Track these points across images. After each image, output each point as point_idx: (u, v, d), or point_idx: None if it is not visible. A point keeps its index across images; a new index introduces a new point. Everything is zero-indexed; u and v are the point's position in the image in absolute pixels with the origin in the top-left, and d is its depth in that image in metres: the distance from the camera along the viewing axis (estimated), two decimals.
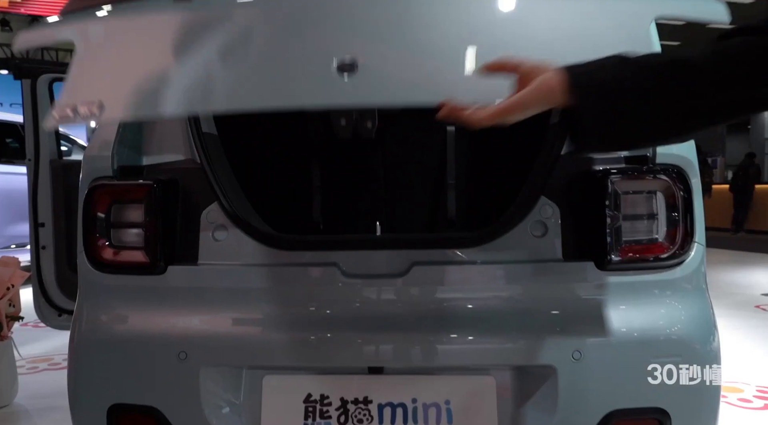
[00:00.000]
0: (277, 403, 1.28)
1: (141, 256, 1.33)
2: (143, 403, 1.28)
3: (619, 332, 1.23)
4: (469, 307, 1.27)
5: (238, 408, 1.28)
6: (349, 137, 1.57)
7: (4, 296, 2.47)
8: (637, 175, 1.27)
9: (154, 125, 1.43)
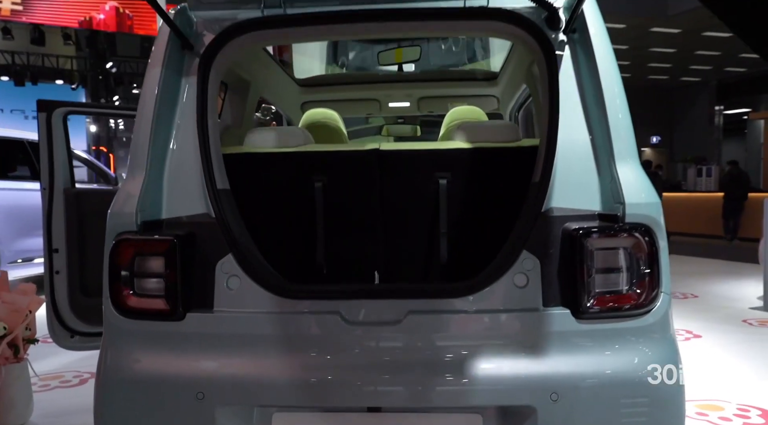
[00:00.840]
0: None
1: (162, 304, 1.47)
2: None
3: (593, 375, 1.37)
4: (459, 352, 1.40)
5: None
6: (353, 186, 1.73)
7: (23, 321, 2.60)
8: (609, 233, 1.41)
9: (174, 181, 1.57)
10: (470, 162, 1.72)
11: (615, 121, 1.48)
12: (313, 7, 1.61)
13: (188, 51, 1.63)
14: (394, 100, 3.02)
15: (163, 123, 1.59)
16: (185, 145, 1.58)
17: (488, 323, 1.42)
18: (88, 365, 3.73)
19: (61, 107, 2.97)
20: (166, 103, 1.59)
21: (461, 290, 1.43)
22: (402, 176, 1.76)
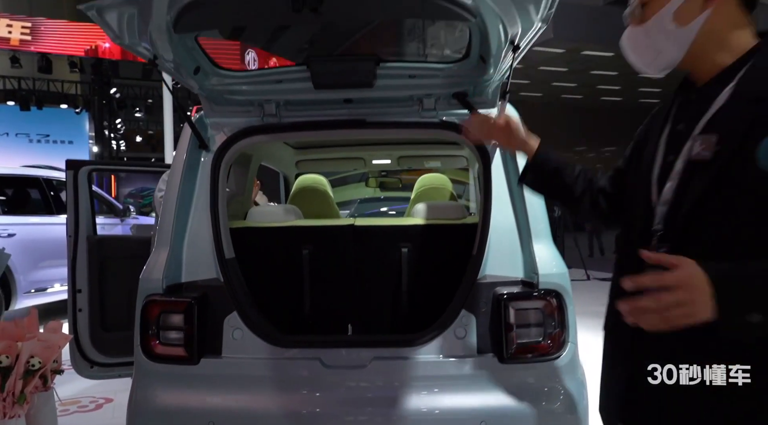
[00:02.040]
0: None
1: (181, 351, 1.88)
2: None
3: (514, 406, 1.78)
4: (412, 390, 1.81)
5: None
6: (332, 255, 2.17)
7: (54, 356, 3.00)
8: (527, 297, 1.84)
9: (191, 252, 1.99)
10: (425, 235, 2.16)
11: (532, 208, 1.92)
12: (303, 117, 2.06)
13: (204, 149, 2.07)
14: (377, 158, 3.46)
15: (183, 206, 2.02)
16: (200, 223, 2.01)
17: (435, 366, 1.83)
18: (102, 391, 4.12)
19: (86, 166, 3.41)
20: (187, 191, 2.03)
21: (415, 340, 1.84)
22: (372, 245, 2.19)
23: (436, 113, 2.07)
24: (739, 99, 1.03)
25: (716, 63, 1.09)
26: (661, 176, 1.12)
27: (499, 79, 1.96)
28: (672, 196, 1.08)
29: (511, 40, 1.69)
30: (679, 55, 1.11)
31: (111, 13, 1.59)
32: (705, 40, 1.09)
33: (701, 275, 0.90)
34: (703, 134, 1.05)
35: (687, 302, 0.90)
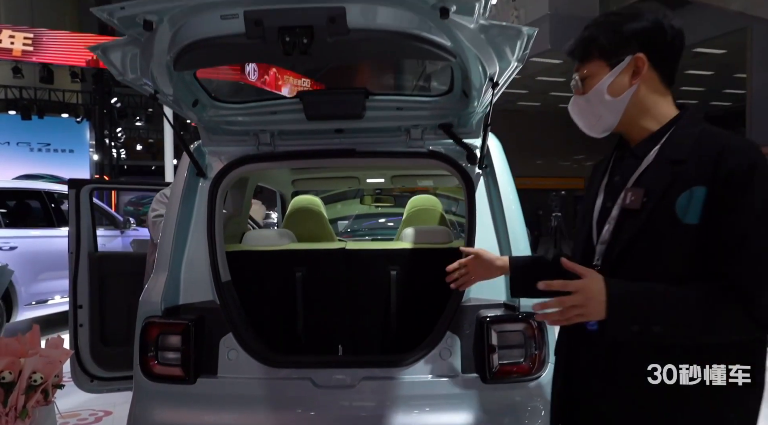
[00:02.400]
0: None
1: (179, 371, 1.97)
2: None
3: (495, 422, 1.87)
4: (399, 408, 1.90)
5: None
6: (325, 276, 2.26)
7: (56, 371, 3.08)
8: (509, 319, 1.92)
9: (188, 275, 2.08)
10: (413, 259, 2.25)
11: (513, 232, 2.02)
12: (297, 146, 2.16)
13: (201, 177, 2.16)
14: (371, 177, 3.56)
15: (182, 231, 2.11)
16: (198, 247, 2.10)
17: (421, 386, 1.92)
18: (101, 404, 4.20)
19: (88, 185, 3.51)
20: (185, 216, 2.12)
21: (402, 361, 1.93)
22: (362, 268, 2.29)
23: (423, 142, 2.17)
24: (662, 160, 1.24)
25: (644, 128, 1.30)
26: (600, 220, 1.33)
27: (482, 111, 2.06)
28: (609, 237, 1.29)
29: (490, 77, 1.80)
30: (615, 120, 1.32)
31: (115, 53, 1.69)
32: (634, 109, 1.29)
33: (601, 286, 1.15)
34: (634, 187, 1.26)
35: (582, 305, 1.15)
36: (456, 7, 1.49)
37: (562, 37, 13.52)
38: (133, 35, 1.61)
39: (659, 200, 1.20)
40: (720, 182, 1.14)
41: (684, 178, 1.18)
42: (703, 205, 1.16)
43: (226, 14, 1.51)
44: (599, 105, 1.30)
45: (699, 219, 1.16)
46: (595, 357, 1.27)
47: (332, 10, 1.48)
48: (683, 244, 1.17)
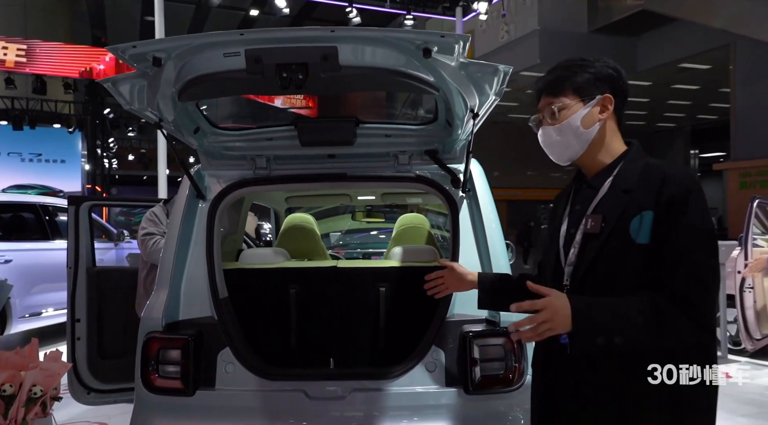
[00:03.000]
0: None
1: (179, 384, 2.07)
2: None
3: None
4: (387, 419, 2.01)
5: None
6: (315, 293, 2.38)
7: (54, 384, 3.16)
8: (490, 334, 2.05)
9: (188, 292, 2.19)
10: (401, 276, 2.38)
11: (494, 250, 2.15)
12: (291, 170, 2.29)
13: (201, 199, 2.28)
14: (362, 194, 3.69)
15: (182, 250, 2.23)
16: (197, 266, 2.21)
17: (407, 397, 2.03)
18: (97, 416, 4.26)
19: (87, 201, 3.61)
20: (185, 236, 2.24)
21: (390, 373, 2.05)
22: (353, 285, 2.41)
23: (411, 167, 2.30)
24: (615, 190, 1.43)
25: (600, 161, 1.49)
26: (565, 244, 1.50)
27: (464, 138, 2.20)
28: (575, 259, 1.45)
29: (471, 108, 1.94)
30: (581, 150, 1.49)
31: (124, 85, 1.82)
32: (595, 143, 1.48)
33: (565, 302, 1.31)
34: (593, 214, 1.44)
35: (550, 320, 1.30)
36: (437, 47, 1.63)
37: (551, 52, 13.79)
38: (141, 69, 1.73)
39: (615, 224, 1.38)
40: (663, 206, 1.33)
41: (635, 204, 1.37)
42: (651, 226, 1.34)
43: (229, 52, 1.65)
44: (570, 134, 1.46)
45: (649, 239, 1.34)
46: (570, 368, 1.41)
47: (325, 49, 1.62)
48: (638, 261, 1.34)
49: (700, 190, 1.35)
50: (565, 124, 1.47)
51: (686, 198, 1.33)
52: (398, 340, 2.34)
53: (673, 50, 13.95)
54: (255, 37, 1.59)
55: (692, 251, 1.31)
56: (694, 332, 1.29)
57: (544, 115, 1.51)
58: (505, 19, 14.15)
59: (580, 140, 1.47)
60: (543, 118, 1.52)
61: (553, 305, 1.30)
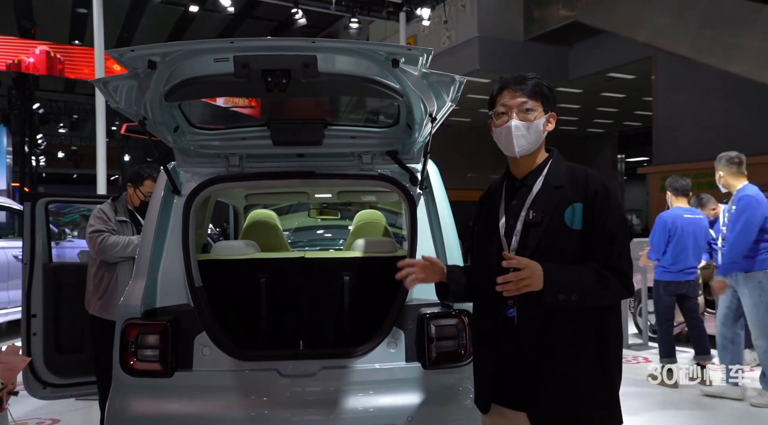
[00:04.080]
0: None
1: (158, 366, 2.21)
2: None
3: (434, 403, 2.23)
4: (353, 393, 2.22)
5: None
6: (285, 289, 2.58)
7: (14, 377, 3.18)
8: (445, 315, 2.30)
9: (165, 281, 2.33)
10: (364, 266, 2.60)
11: (448, 242, 2.41)
12: (262, 168, 2.47)
13: (177, 194, 2.43)
14: (319, 192, 3.89)
15: (158, 242, 2.36)
16: (173, 256, 2.35)
17: (371, 373, 2.26)
18: (49, 412, 4.26)
19: (43, 198, 3.63)
20: (162, 229, 2.37)
21: (355, 352, 2.27)
22: (319, 274, 2.62)
23: (373, 166, 2.53)
24: (548, 186, 1.75)
25: (533, 161, 1.81)
26: (506, 234, 1.78)
27: (422, 140, 2.45)
28: (517, 245, 1.74)
29: (429, 113, 2.19)
30: (533, 148, 1.78)
31: (115, 85, 1.97)
32: (539, 145, 1.80)
33: (539, 266, 1.60)
34: (532, 207, 1.73)
35: (529, 277, 1.58)
36: (404, 59, 1.88)
37: (490, 58, 14.37)
38: (134, 71, 1.88)
39: (552, 214, 1.69)
40: (590, 199, 1.68)
41: (566, 198, 1.70)
42: (582, 215, 1.68)
43: (219, 58, 1.83)
44: (534, 133, 1.75)
45: (581, 226, 1.68)
46: (518, 335, 1.71)
47: (306, 58, 1.83)
48: (573, 243, 1.68)
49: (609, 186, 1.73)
50: (535, 123, 1.75)
51: (607, 193, 1.69)
52: (361, 323, 2.57)
53: (603, 60, 14.79)
54: (243, 45, 1.78)
55: (619, 234, 1.68)
56: (623, 292, 1.68)
57: (514, 110, 1.75)
58: (447, 26, 14.59)
59: (537, 139, 1.77)
60: (512, 113, 1.76)
61: (532, 266, 1.60)
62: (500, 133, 1.79)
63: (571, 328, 1.68)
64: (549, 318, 1.67)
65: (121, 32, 20.63)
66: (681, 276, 4.89)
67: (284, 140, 2.40)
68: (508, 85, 1.79)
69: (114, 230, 3.30)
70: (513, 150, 1.77)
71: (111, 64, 16.67)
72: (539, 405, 1.69)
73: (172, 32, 21.64)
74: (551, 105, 1.79)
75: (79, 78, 18.19)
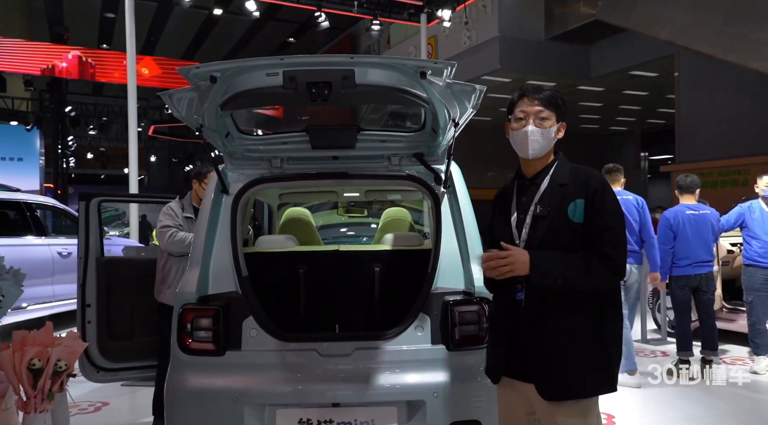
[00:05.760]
0: (284, 424, 2.45)
1: (211, 346, 2.49)
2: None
3: (457, 381, 2.47)
4: (384, 371, 2.47)
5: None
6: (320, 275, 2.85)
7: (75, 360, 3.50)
8: (467, 302, 2.54)
9: (216, 271, 2.61)
10: (393, 258, 2.86)
11: (470, 238, 2.64)
12: (301, 169, 2.74)
13: (225, 194, 2.71)
14: (348, 191, 4.15)
15: (210, 236, 2.64)
16: (223, 249, 2.63)
17: (400, 354, 2.50)
18: (99, 396, 4.59)
19: (96, 197, 3.95)
20: (212, 224, 2.65)
21: (386, 335, 2.51)
22: (352, 265, 2.88)
23: (401, 167, 2.79)
24: (553, 184, 1.99)
25: (542, 163, 2.04)
26: (517, 226, 2.02)
27: (446, 144, 2.69)
28: (527, 236, 1.98)
29: (452, 118, 2.44)
30: (545, 152, 2.02)
31: (179, 97, 2.25)
32: (550, 149, 2.03)
33: (525, 253, 1.87)
34: (540, 203, 1.97)
35: (511, 264, 1.86)
36: (431, 71, 2.12)
37: (510, 58, 14.49)
38: (196, 84, 2.16)
39: (557, 209, 1.93)
40: (590, 196, 1.91)
41: (569, 194, 1.94)
42: (584, 210, 1.91)
43: (270, 72, 2.10)
44: (547, 139, 1.99)
45: (582, 219, 1.91)
46: (525, 315, 1.94)
47: (345, 71, 2.10)
48: (573, 235, 1.91)
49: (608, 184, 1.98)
50: (548, 130, 1.98)
51: (604, 189, 1.93)
52: (390, 309, 2.82)
53: (624, 58, 14.78)
54: (291, 61, 2.06)
55: (612, 225, 1.92)
56: (611, 277, 1.91)
57: (531, 117, 1.98)
58: (467, 26, 14.75)
59: (548, 144, 2.00)
60: (529, 119, 1.99)
61: (514, 255, 1.87)
62: (517, 136, 2.02)
63: (572, 309, 1.90)
64: (552, 300, 1.90)
65: (147, 36, 21.21)
66: (690, 270, 5.02)
67: (321, 144, 2.67)
68: (527, 93, 2.01)
69: (180, 226, 3.63)
70: (527, 153, 2.00)
71: (140, 67, 17.17)
72: (544, 377, 1.91)
73: (196, 35, 22.17)
74: (563, 115, 2.02)
75: (110, 81, 18.78)
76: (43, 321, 3.41)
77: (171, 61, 19.04)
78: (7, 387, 3.39)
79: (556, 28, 15.05)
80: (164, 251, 3.64)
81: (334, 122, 2.68)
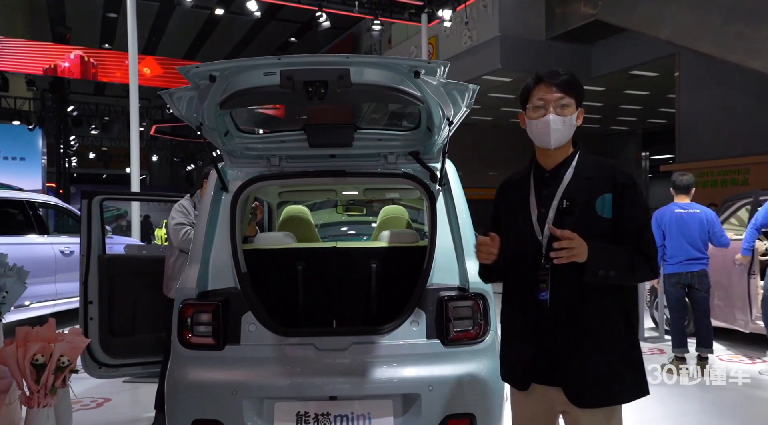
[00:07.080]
0: (281, 417, 2.50)
1: (210, 340, 2.53)
2: (213, 418, 2.46)
3: (451, 375, 2.51)
4: (380, 365, 2.51)
5: (262, 420, 2.49)
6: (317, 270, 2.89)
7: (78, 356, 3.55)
8: (461, 298, 2.58)
9: (215, 267, 2.65)
10: (389, 254, 2.90)
11: (464, 235, 2.69)
12: (299, 168, 2.79)
13: (225, 191, 2.76)
14: (346, 190, 4.20)
15: (210, 233, 2.69)
16: (222, 245, 2.68)
17: (396, 348, 2.54)
18: (101, 392, 4.64)
19: (98, 196, 4.01)
20: (212, 222, 2.70)
21: (382, 330, 2.56)
22: (350, 262, 2.92)
23: (397, 165, 2.83)
24: (579, 177, 1.87)
25: (563, 154, 1.91)
26: (539, 220, 1.89)
27: (441, 142, 2.74)
28: (550, 233, 1.83)
29: (447, 117, 2.48)
30: (565, 140, 1.88)
31: (179, 96, 2.30)
32: (570, 139, 1.90)
33: (583, 241, 1.73)
34: (564, 197, 1.85)
35: (577, 247, 1.73)
36: (425, 70, 2.17)
37: (511, 57, 14.52)
38: (196, 84, 2.21)
39: (585, 203, 1.82)
40: (618, 190, 1.82)
41: (596, 188, 1.83)
42: (612, 205, 1.82)
43: (268, 72, 2.15)
44: (568, 127, 1.85)
45: (611, 214, 1.82)
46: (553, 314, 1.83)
47: (341, 71, 2.14)
48: (602, 230, 1.81)
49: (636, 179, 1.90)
50: (569, 118, 1.85)
51: (635, 185, 1.84)
52: (387, 305, 2.86)
53: (625, 58, 14.80)
54: (289, 61, 2.10)
55: (647, 224, 1.88)
56: (649, 274, 1.87)
57: (551, 105, 1.84)
58: (468, 26, 14.78)
59: (570, 133, 1.87)
60: (549, 107, 1.84)
61: (579, 238, 1.74)
62: (536, 126, 1.87)
63: (601, 308, 1.82)
64: (581, 299, 1.81)
65: (149, 36, 21.29)
66: (680, 267, 5.06)
67: (318, 143, 2.72)
68: (544, 78, 1.86)
69: (193, 224, 3.67)
70: (549, 143, 1.86)
71: (142, 67, 17.21)
72: (574, 380, 1.82)
73: (198, 35, 22.25)
74: (581, 100, 1.88)
75: (112, 81, 18.85)
76: (45, 319, 3.45)
77: (173, 60, 19.10)
78: (10, 382, 3.45)
79: (556, 27, 15.07)
80: (174, 248, 3.69)
81: (332, 121, 2.72)
